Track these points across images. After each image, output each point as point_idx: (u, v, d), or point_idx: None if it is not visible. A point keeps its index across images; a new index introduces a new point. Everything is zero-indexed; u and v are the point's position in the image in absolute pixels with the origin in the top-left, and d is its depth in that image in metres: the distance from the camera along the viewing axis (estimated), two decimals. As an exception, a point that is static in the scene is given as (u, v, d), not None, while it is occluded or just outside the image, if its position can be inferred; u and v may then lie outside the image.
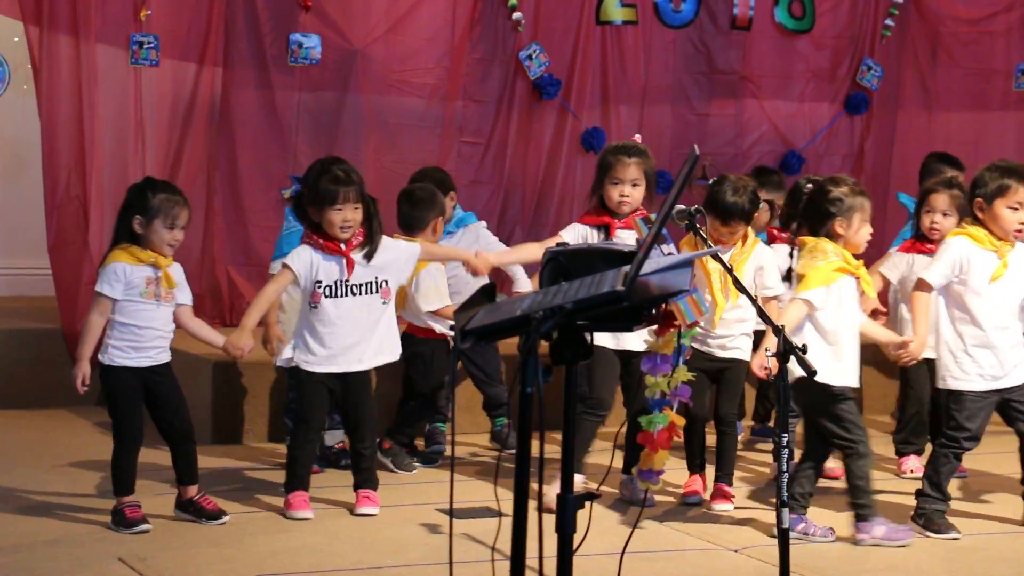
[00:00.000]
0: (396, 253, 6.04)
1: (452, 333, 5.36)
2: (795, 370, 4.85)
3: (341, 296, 5.88)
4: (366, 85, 8.91)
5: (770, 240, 6.73)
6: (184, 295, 5.79)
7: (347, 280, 5.86)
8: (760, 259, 6.24)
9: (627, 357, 6.17)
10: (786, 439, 4.63)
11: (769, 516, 5.70)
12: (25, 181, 9.19)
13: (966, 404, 5.82)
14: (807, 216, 5.77)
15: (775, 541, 4.57)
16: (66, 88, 8.17)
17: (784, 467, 4.58)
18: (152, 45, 8.37)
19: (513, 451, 4.72)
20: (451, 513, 3.89)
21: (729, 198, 6.10)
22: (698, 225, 5.24)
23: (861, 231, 5.70)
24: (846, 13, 10.07)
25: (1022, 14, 10.42)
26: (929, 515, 5.79)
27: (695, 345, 6.19)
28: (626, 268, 3.21)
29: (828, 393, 5.59)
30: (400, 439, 6.83)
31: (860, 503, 5.65)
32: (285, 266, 5.91)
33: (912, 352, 5.89)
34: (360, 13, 8.89)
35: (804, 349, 4.65)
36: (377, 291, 5.94)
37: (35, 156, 8.44)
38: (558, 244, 6.08)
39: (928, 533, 5.75)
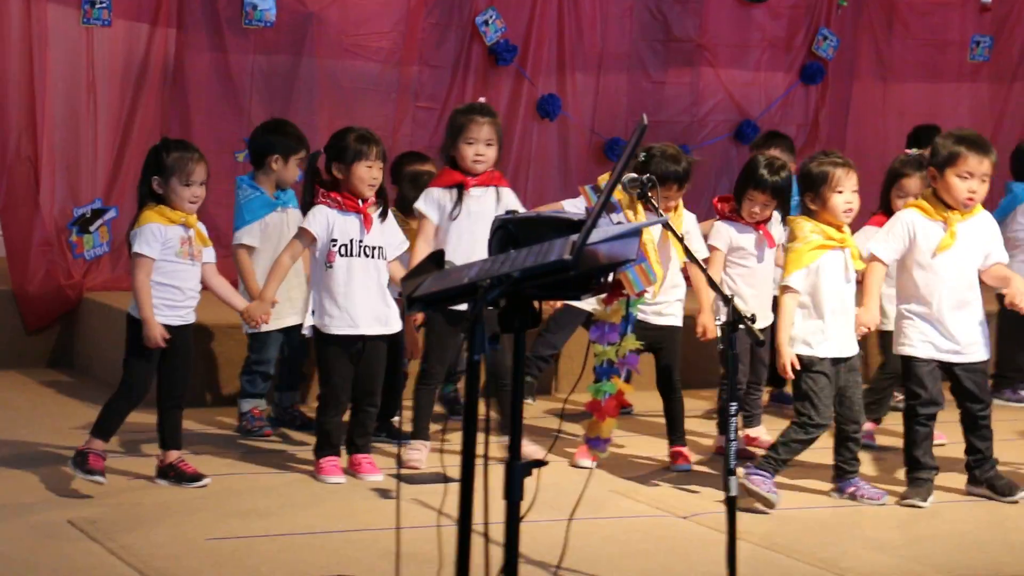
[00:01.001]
0: (396, 234, 6.13)
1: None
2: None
3: (355, 256, 5.94)
4: (321, 49, 8.87)
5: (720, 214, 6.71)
6: (208, 253, 5.82)
7: (362, 240, 5.93)
8: (687, 224, 6.35)
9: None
10: (735, 407, 4.65)
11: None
12: (-25, 141, 9.10)
13: (914, 369, 5.87)
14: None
15: (723, 508, 4.60)
16: (16, 48, 8.08)
17: (732, 435, 4.61)
18: (104, 5, 8.28)
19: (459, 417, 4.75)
20: (399, 478, 3.92)
21: (670, 167, 6.15)
22: (649, 194, 5.26)
23: (832, 201, 5.71)
24: (802, -17, 10.10)
25: (977, -14, 10.49)
26: (917, 484, 5.87)
27: None
28: (574, 237, 3.22)
29: (800, 363, 5.68)
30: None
31: (772, 457, 5.70)
32: (302, 229, 5.97)
33: (863, 321, 5.89)
34: (315, -25, 8.85)
35: (753, 319, 4.67)
36: (384, 257, 6.01)
37: (-15, 116, 8.37)
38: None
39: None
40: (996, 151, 5.94)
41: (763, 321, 6.60)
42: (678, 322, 6.35)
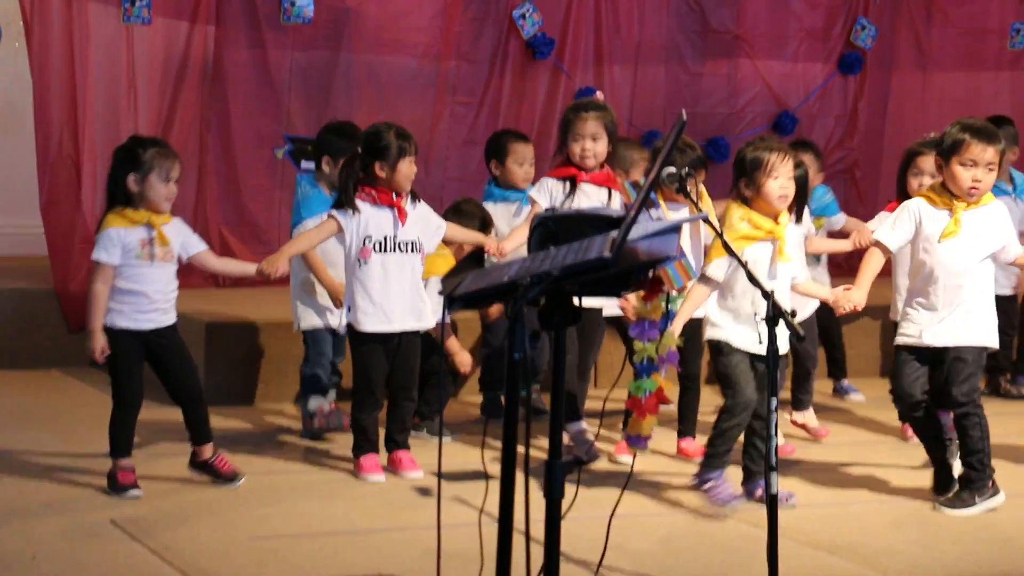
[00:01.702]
0: (430, 218, 6.13)
1: None
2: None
3: (389, 251, 5.94)
4: (359, 44, 8.89)
5: None
6: (194, 245, 5.75)
7: (396, 236, 5.94)
8: (716, 211, 6.29)
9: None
10: (775, 403, 4.63)
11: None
12: (17, 139, 9.16)
13: (898, 361, 5.76)
14: None
15: (763, 505, 4.57)
16: (58, 46, 8.15)
17: (773, 431, 4.58)
18: (144, 2, 8.34)
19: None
20: (439, 476, 3.92)
21: (693, 155, 6.10)
22: (688, 188, 5.23)
23: (767, 188, 5.57)
24: (841, -28, 10.05)
25: (1016, -26, 10.41)
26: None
27: None
28: (614, 234, 3.21)
29: (712, 347, 5.63)
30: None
31: (712, 454, 5.60)
32: (331, 216, 5.95)
33: (851, 299, 5.68)
34: (352, -29, 8.86)
35: (794, 313, 4.64)
36: (418, 251, 6.01)
37: (27, 114, 8.42)
38: (547, 209, 6.14)
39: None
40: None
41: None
42: (699, 313, 6.30)
